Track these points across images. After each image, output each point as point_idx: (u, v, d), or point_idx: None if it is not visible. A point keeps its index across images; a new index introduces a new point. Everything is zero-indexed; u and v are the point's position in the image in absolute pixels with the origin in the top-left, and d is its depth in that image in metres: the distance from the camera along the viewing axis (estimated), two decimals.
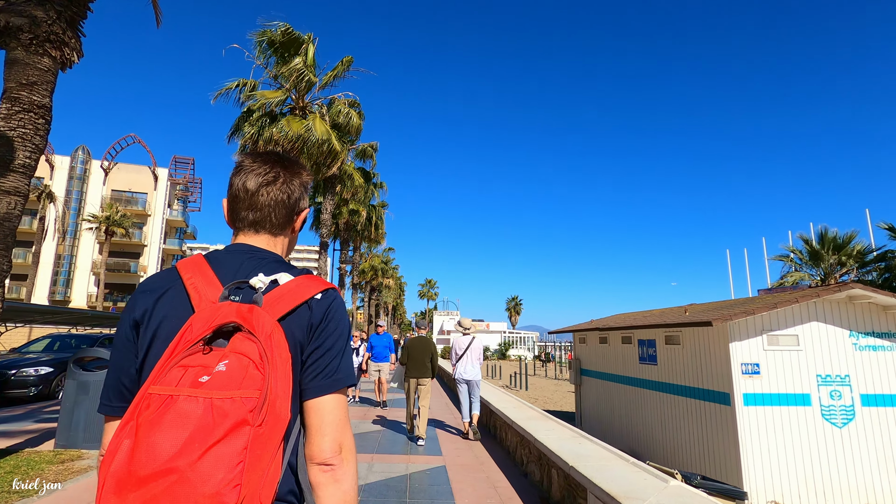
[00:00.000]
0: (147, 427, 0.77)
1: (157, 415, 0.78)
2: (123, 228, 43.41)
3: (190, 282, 1.00)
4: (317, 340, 1.00)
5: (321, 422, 0.96)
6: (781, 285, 26.34)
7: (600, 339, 11.33)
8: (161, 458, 0.75)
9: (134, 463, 0.76)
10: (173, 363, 0.84)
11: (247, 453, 0.78)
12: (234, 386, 0.81)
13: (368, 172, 24.75)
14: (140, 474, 0.75)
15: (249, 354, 0.85)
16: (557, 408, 17.49)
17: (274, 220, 1.13)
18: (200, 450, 0.75)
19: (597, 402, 11.47)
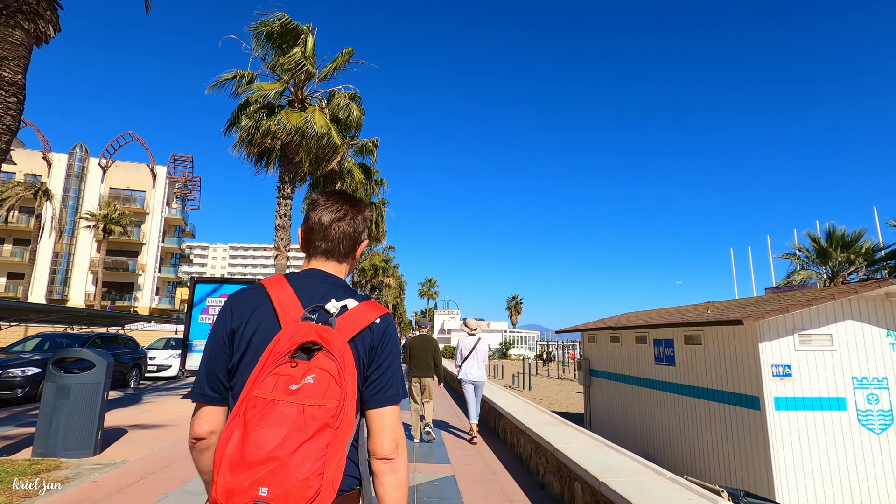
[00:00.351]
0: (254, 423, 1.01)
1: (261, 414, 1.01)
2: (121, 226, 42.89)
3: (276, 300, 1.21)
4: (377, 360, 1.22)
5: (382, 426, 1.19)
6: (788, 284, 25.87)
7: (611, 338, 10.83)
8: (266, 448, 0.98)
9: (244, 450, 0.99)
10: (267, 372, 1.06)
11: (328, 449, 1.02)
12: (319, 396, 1.04)
13: (369, 169, 24.25)
14: (249, 459, 0.98)
15: (330, 371, 1.07)
16: (563, 409, 17.00)
17: (341, 250, 1.36)
18: (295, 444, 0.99)
19: (608, 404, 10.97)
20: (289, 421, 1.00)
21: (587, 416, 12.24)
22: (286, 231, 15.76)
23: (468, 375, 7.61)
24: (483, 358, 7.71)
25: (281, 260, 15.69)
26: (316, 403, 1.03)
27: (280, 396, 1.02)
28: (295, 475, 0.97)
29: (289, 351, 1.08)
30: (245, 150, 15.54)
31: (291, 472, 0.97)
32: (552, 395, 21.59)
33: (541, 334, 62.24)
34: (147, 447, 6.50)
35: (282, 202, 15.78)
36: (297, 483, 0.97)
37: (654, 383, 9.02)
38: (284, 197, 15.78)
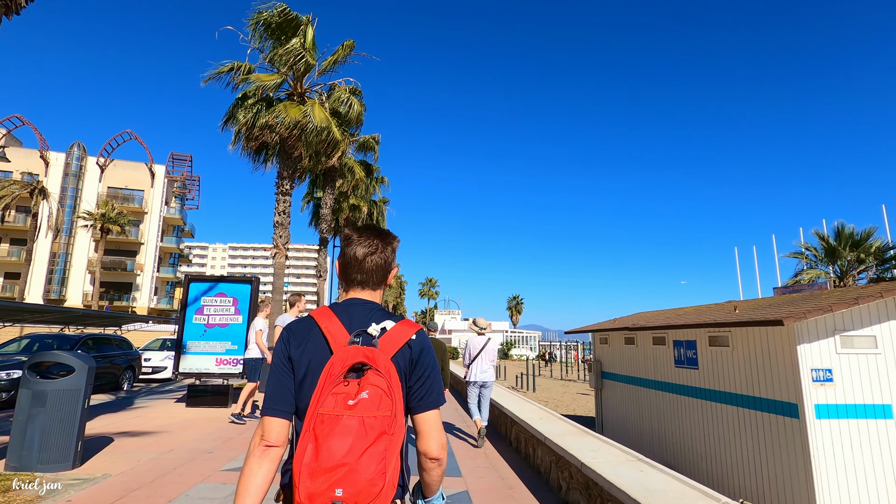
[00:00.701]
0: (324, 436, 1.18)
1: (329, 428, 1.19)
2: (119, 226, 42.33)
3: (325, 329, 1.41)
4: (417, 372, 1.41)
5: (429, 429, 1.39)
6: (797, 283, 25.38)
7: (626, 339, 10.31)
8: (337, 456, 1.16)
9: (319, 459, 1.17)
10: (327, 393, 1.24)
11: (386, 453, 1.20)
12: (374, 408, 1.22)
13: (370, 166, 23.75)
14: (324, 466, 1.16)
15: (380, 386, 1.25)
16: (570, 411, 16.47)
17: (375, 280, 1.54)
18: (360, 451, 1.17)
19: (621, 409, 10.44)
20: (353, 432, 1.18)
21: (599, 420, 11.71)
22: (285, 228, 15.24)
23: (477, 376, 7.38)
24: (492, 358, 7.50)
25: (279, 258, 15.17)
26: (373, 415, 1.21)
27: (342, 412, 1.20)
28: (363, 476, 1.16)
29: (342, 373, 1.26)
30: (243, 144, 15.03)
31: (360, 473, 1.16)
32: (557, 397, 21.07)
33: (542, 335, 61.72)
34: (132, 459, 5.97)
35: (280, 198, 15.26)
36: (365, 483, 1.16)
37: (673, 387, 8.50)
38: (283, 193, 15.27)
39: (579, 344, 50.70)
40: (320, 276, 21.39)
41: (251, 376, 8.56)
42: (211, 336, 10.45)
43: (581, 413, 16.24)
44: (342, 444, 1.17)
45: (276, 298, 15.11)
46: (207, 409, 9.78)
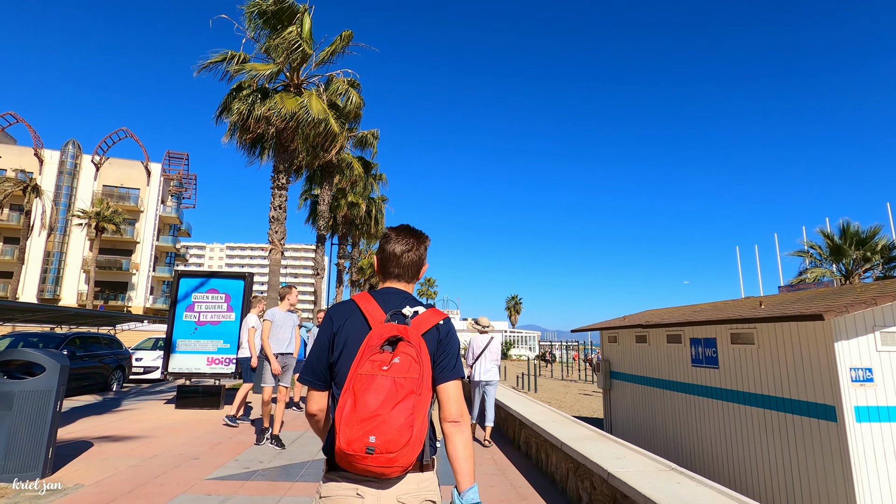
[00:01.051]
0: (361, 392, 1.40)
1: (365, 385, 1.40)
2: (114, 224, 41.68)
3: (364, 309, 1.65)
4: (442, 350, 1.62)
5: (449, 397, 1.58)
6: (801, 282, 24.99)
7: (637, 337, 9.82)
8: (371, 408, 1.37)
9: (356, 411, 1.38)
10: (366, 359, 1.45)
11: (414, 409, 1.41)
12: (405, 371, 1.43)
13: (368, 162, 23.23)
14: (361, 417, 1.37)
15: (410, 354, 1.47)
16: (575, 412, 15.99)
17: (410, 273, 1.80)
18: (392, 405, 1.38)
19: (632, 410, 9.95)
20: (385, 389, 1.40)
21: (608, 422, 11.22)
22: (281, 224, 14.72)
23: (481, 375, 7.27)
24: (495, 358, 7.39)
25: (275, 255, 14.65)
26: (403, 376, 1.43)
27: (377, 372, 1.43)
28: (393, 426, 1.37)
29: (379, 344, 1.49)
30: (237, 137, 14.50)
31: (390, 424, 1.37)
32: (560, 398, 20.59)
33: (542, 335, 61.24)
34: (110, 466, 5.46)
35: (276, 193, 14.74)
36: (395, 432, 1.37)
37: (690, 388, 8.01)
38: (279, 188, 14.74)
39: (579, 344, 50.25)
40: (318, 275, 20.86)
41: (246, 376, 8.11)
42: (202, 334, 9.93)
43: (586, 414, 15.76)
44: (376, 398, 1.38)
45: (272, 296, 14.58)
46: (198, 411, 9.26)
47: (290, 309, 6.77)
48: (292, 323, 6.73)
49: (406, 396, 1.40)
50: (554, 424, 6.22)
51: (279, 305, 6.69)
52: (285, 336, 6.59)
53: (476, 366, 7.30)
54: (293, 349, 6.76)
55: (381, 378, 1.40)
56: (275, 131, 14.53)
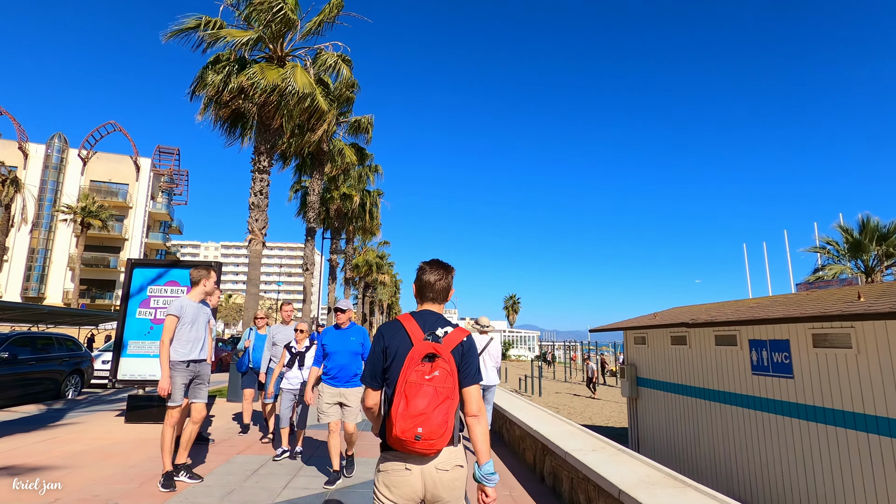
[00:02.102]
0: (411, 396, 1.92)
1: (415, 391, 1.93)
2: (100, 220, 39.89)
3: (408, 328, 2.14)
4: (465, 361, 2.11)
5: (471, 397, 2.10)
6: (819, 279, 23.52)
7: (674, 338, 8.25)
8: (419, 408, 1.90)
9: (408, 409, 1.90)
10: (412, 369, 1.96)
11: (448, 410, 1.95)
12: (443, 382, 1.96)
13: (362, 149, 21.60)
14: (412, 414, 1.89)
15: (446, 369, 1.99)
16: (587, 420, 14.42)
17: (441, 298, 2.29)
18: (434, 406, 1.91)
19: (666, 424, 8.36)
20: (429, 395, 1.93)
21: (633, 436, 9.65)
22: (262, 211, 13.10)
23: None
24: (495, 359, 6.91)
25: (255, 245, 13.02)
26: (442, 386, 1.96)
27: (423, 382, 1.94)
28: (434, 422, 1.92)
29: (420, 358, 2.00)
30: (213, 113, 12.87)
31: (433, 420, 1.91)
32: (566, 402, 19.02)
33: (541, 335, 59.67)
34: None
35: (257, 177, 13.11)
36: (436, 426, 1.92)
37: (750, 401, 6.45)
38: (260, 171, 13.12)
39: (578, 344, 48.70)
40: (307, 270, 19.24)
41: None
42: (159, 334, 8.29)
43: (599, 423, 14.19)
44: (423, 401, 1.93)
45: (252, 291, 12.97)
46: (150, 427, 7.63)
47: (204, 299, 5.08)
48: (206, 318, 5.02)
49: (444, 401, 1.96)
50: (572, 440, 4.75)
51: (190, 294, 4.99)
52: (197, 336, 4.88)
53: None
54: (207, 354, 5.01)
55: (426, 386, 1.96)
56: (255, 108, 12.94)
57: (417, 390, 1.93)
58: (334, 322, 4.98)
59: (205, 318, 5.00)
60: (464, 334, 2.13)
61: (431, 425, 1.90)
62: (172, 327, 4.71)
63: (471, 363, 2.12)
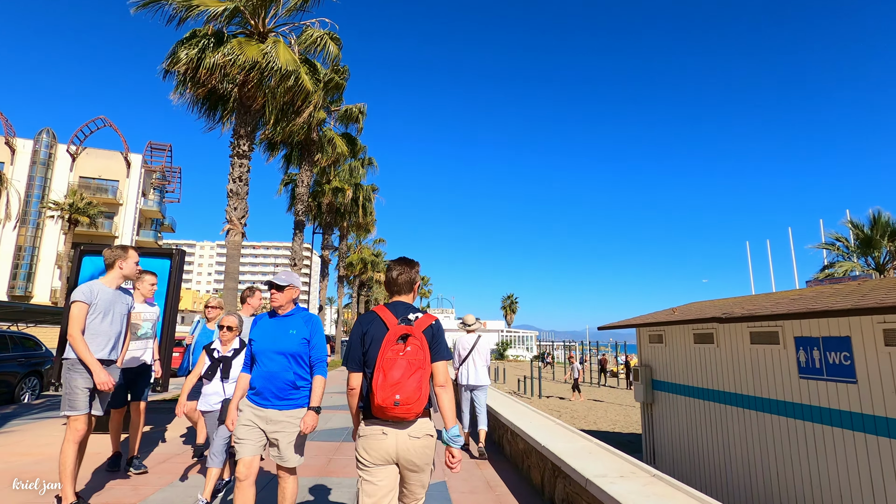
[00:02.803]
0: (388, 369, 2.23)
1: (390, 365, 2.24)
2: (88, 217, 38.68)
3: (383, 316, 2.46)
4: (435, 341, 2.42)
5: (438, 371, 2.40)
6: (829, 276, 22.55)
7: (698, 336, 7.22)
8: (396, 379, 2.22)
9: (386, 380, 2.21)
10: (388, 348, 2.28)
11: (421, 379, 2.26)
12: (415, 355, 2.28)
13: (354, 139, 20.52)
14: (390, 384, 2.20)
15: (417, 344, 2.31)
16: (591, 425, 13.38)
17: (406, 290, 2.62)
18: (408, 376, 2.23)
19: (689, 434, 7.32)
20: (403, 367, 2.25)
21: (647, 446, 8.61)
22: (241, 199, 12.03)
23: (469, 379, 6.46)
24: (485, 358, 6.57)
25: (234, 236, 11.95)
26: (414, 358, 2.29)
27: (397, 357, 2.27)
28: (410, 388, 2.22)
29: (395, 338, 2.33)
30: (188, 93, 11.78)
31: (408, 387, 2.22)
32: (567, 405, 17.98)
33: (539, 334, 58.62)
34: None
35: (236, 162, 12.04)
36: (410, 392, 2.22)
37: (797, 409, 5.41)
38: (240, 156, 12.04)
39: (577, 344, 47.70)
40: (294, 265, 18.15)
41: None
42: None
43: (604, 427, 13.15)
44: (398, 372, 2.25)
45: (230, 286, 11.90)
46: (98, 438, 6.54)
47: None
48: (124, 309, 4.01)
49: (416, 371, 2.28)
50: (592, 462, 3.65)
51: (104, 278, 3.92)
52: (112, 330, 3.87)
53: (463, 369, 6.49)
54: (118, 355, 3.99)
55: (400, 360, 2.27)
56: (235, 89, 11.88)
57: (393, 364, 2.26)
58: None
59: (122, 309, 3.94)
60: (432, 319, 2.52)
61: (407, 391, 2.22)
62: (81, 316, 3.65)
63: (440, 342, 2.45)
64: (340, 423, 8.32)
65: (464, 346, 6.57)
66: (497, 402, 7.75)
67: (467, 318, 6.89)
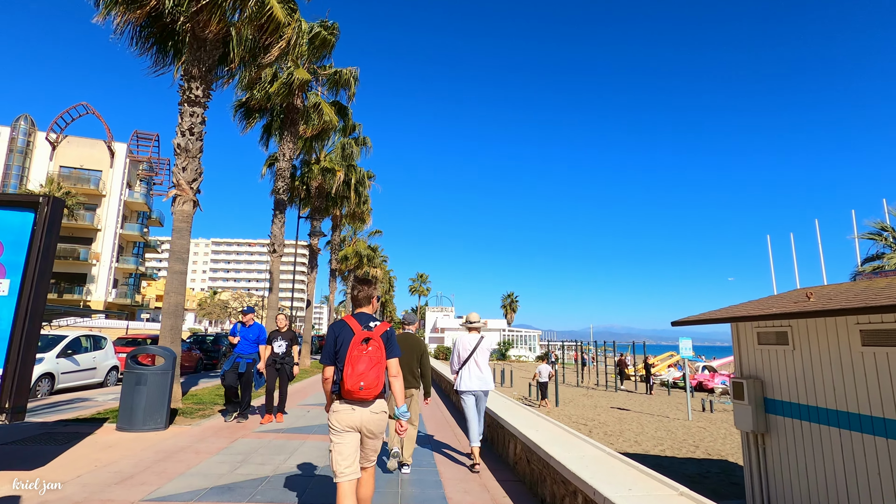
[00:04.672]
0: (355, 364, 3.02)
1: (356, 360, 3.03)
2: (66, 207, 35.79)
3: (351, 324, 3.21)
4: (388, 344, 3.22)
5: (391, 365, 3.25)
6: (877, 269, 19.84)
7: (868, 332, 4.42)
8: (360, 371, 3.01)
9: (353, 372, 3.00)
10: (354, 348, 3.05)
11: (379, 370, 3.10)
12: (375, 353, 3.09)
13: (345, 110, 17.70)
14: (356, 374, 3.00)
15: (376, 346, 3.12)
16: (633, 445, 10.60)
17: (365, 303, 3.42)
18: (370, 368, 3.04)
19: (846, 487, 4.44)
20: (366, 362, 3.00)
21: (756, 491, 5.82)
22: (193, 158, 9.22)
23: (469, 384, 5.68)
24: (487, 360, 5.81)
25: (182, 203, 9.14)
26: (374, 356, 3.05)
27: (362, 355, 3.01)
28: (371, 377, 3.00)
29: (361, 340, 3.05)
30: (120, 17, 8.93)
31: (370, 376, 2.99)
32: (590, 415, 15.20)
33: (542, 334, 55.78)
34: None
35: (186, 110, 9.23)
36: (372, 380, 3.00)
37: None
38: (191, 102, 9.23)
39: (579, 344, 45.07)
40: (274, 251, 15.31)
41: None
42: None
43: (652, 449, 10.39)
44: (363, 366, 2.98)
45: (176, 269, 9.09)
46: None
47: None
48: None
49: (375, 364, 3.05)
50: None
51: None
52: None
53: (464, 372, 5.74)
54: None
55: (364, 357, 3.02)
56: (185, 20, 9.09)
57: (358, 360, 3.02)
58: None
59: None
60: (387, 326, 3.30)
61: (369, 379, 3.00)
62: None
63: (393, 344, 3.27)
64: None
65: (465, 346, 5.87)
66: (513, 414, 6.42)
67: (471, 315, 6.19)
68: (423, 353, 5.65)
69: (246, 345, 7.61)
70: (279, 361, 7.80)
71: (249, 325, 7.74)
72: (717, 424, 13.97)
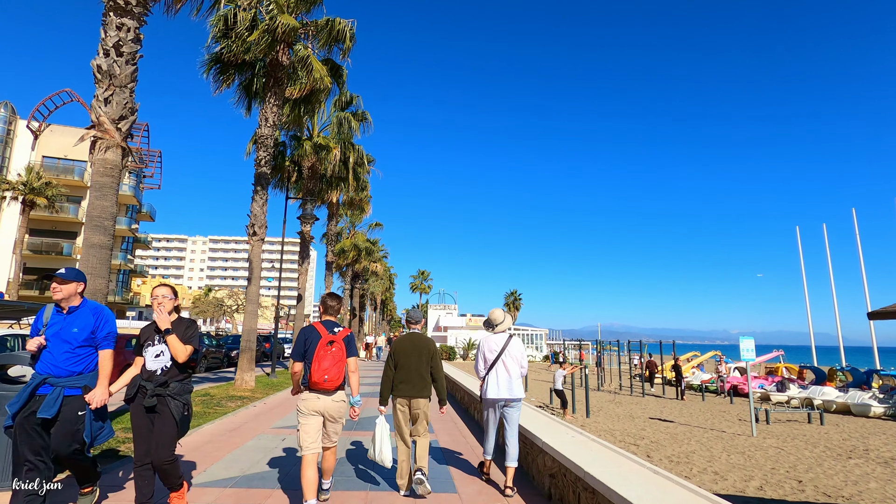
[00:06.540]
0: (321, 361, 3.90)
1: (322, 358, 3.91)
2: (45, 198, 32.98)
3: (319, 329, 4.04)
4: (349, 346, 4.07)
5: (350, 363, 4.08)
6: None
7: None
8: (325, 367, 3.90)
9: (319, 367, 3.89)
10: (321, 349, 3.93)
11: (341, 367, 3.99)
12: (338, 353, 3.99)
13: (339, 69, 15.02)
14: (322, 369, 3.89)
15: (339, 346, 4.01)
16: (712, 478, 7.97)
17: (334, 312, 4.28)
18: (333, 364, 3.93)
19: None
20: (330, 359, 3.89)
21: None
22: (122, 88, 6.59)
23: (499, 391, 4.76)
24: (522, 364, 4.93)
25: (105, 151, 6.50)
26: (337, 355, 3.94)
27: (327, 354, 3.90)
28: (334, 372, 3.90)
29: (326, 342, 3.94)
30: None
31: (333, 371, 3.89)
32: (627, 428, 12.52)
33: (549, 333, 53.21)
34: None
35: (112, 21, 6.66)
36: (335, 374, 3.90)
37: None
38: (119, 11, 6.59)
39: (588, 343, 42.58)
40: (255, 234, 12.66)
41: None
42: None
43: (746, 489, 7.73)
44: (327, 363, 3.86)
45: (94, 241, 6.44)
46: None
47: None
48: None
49: (338, 362, 3.88)
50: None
51: None
52: None
53: (491, 377, 4.84)
54: None
55: (328, 356, 3.85)
56: None
57: (324, 358, 3.84)
58: None
59: None
60: (348, 331, 4.09)
61: (333, 374, 3.83)
62: None
63: (353, 346, 4.07)
64: None
65: (490, 348, 4.94)
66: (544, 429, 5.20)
67: (494, 314, 5.15)
68: (434, 354, 4.93)
69: (59, 354, 3.55)
70: (154, 393, 3.62)
71: (75, 310, 3.65)
72: (791, 443, 11.30)
